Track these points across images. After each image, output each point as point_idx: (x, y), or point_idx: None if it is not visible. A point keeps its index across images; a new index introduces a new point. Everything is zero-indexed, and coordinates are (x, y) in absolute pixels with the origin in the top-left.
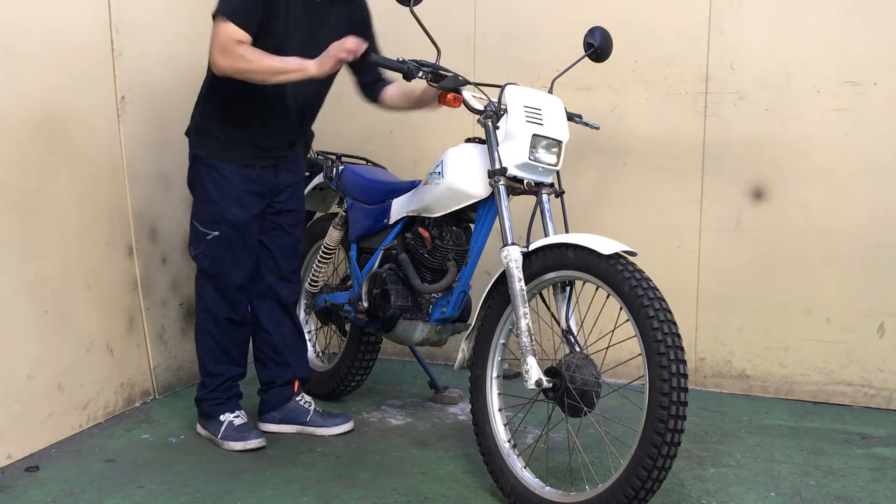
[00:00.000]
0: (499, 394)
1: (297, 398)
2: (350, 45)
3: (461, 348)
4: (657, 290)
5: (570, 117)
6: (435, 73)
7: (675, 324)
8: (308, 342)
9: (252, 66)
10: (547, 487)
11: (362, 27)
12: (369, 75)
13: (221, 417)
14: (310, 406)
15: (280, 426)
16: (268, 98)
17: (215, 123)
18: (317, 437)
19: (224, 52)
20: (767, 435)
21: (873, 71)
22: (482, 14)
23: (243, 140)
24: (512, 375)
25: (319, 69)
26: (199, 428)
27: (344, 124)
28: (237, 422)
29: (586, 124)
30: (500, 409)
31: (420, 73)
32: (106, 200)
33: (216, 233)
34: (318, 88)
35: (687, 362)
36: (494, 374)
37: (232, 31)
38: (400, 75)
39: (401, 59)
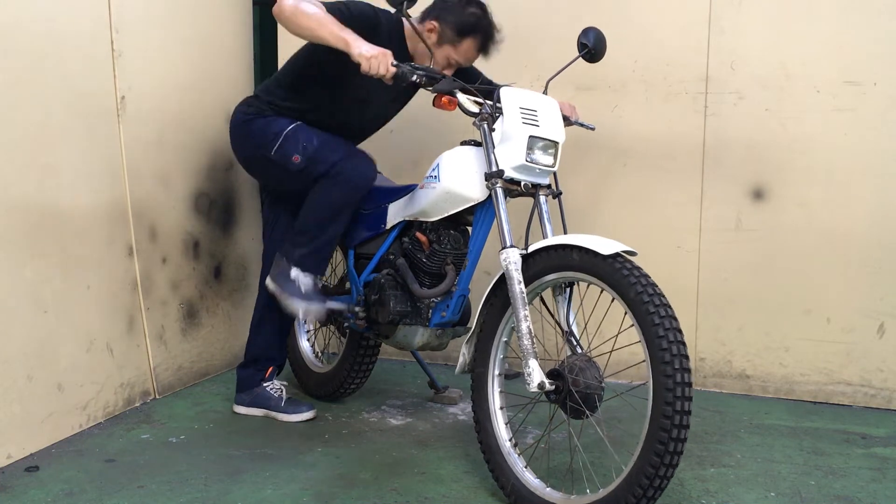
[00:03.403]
0: (500, 392)
1: (267, 384)
2: (390, 61)
3: (462, 352)
4: (663, 296)
5: (566, 118)
6: (429, 76)
7: (679, 331)
8: (307, 342)
9: (311, 7)
10: (548, 489)
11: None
12: None
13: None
14: (278, 393)
15: (249, 409)
16: (337, 114)
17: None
18: (317, 436)
19: None
20: (767, 435)
21: (873, 71)
22: None
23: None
24: (513, 376)
25: (359, 56)
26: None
27: None
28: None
29: (582, 125)
30: (501, 408)
31: (414, 77)
32: (106, 200)
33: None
34: (385, 113)
35: (691, 368)
36: (496, 373)
37: None
38: None
39: (394, 63)
